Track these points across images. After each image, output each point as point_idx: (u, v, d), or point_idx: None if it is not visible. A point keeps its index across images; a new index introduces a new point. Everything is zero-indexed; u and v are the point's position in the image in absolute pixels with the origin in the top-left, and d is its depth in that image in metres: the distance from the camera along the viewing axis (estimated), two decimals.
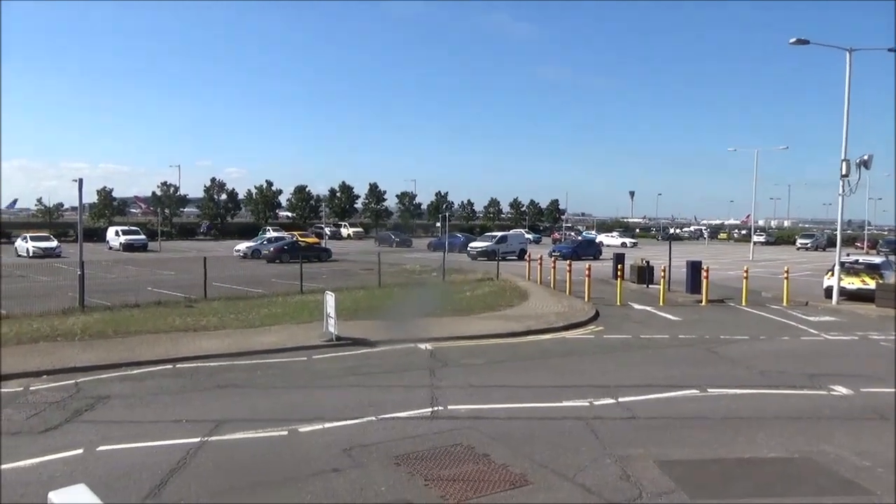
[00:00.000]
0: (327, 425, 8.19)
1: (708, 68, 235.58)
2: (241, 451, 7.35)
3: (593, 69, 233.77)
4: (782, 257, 49.64)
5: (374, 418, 8.49)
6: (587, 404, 9.25)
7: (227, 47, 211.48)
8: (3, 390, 9.92)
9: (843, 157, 21.72)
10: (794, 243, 73.55)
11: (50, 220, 69.58)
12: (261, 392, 10.04)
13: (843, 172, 21.66)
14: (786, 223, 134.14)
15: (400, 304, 19.01)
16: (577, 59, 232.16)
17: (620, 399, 9.50)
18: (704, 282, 21.52)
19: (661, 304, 20.54)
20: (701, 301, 21.14)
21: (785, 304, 21.08)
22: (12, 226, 68.35)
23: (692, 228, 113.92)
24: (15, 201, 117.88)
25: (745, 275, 21.89)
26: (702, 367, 12.14)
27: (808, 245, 68.01)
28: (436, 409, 9.00)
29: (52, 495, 3.04)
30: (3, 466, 6.78)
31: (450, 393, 9.85)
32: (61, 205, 74.25)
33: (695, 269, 23.24)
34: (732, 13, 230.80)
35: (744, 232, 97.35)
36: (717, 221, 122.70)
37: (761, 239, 76.14)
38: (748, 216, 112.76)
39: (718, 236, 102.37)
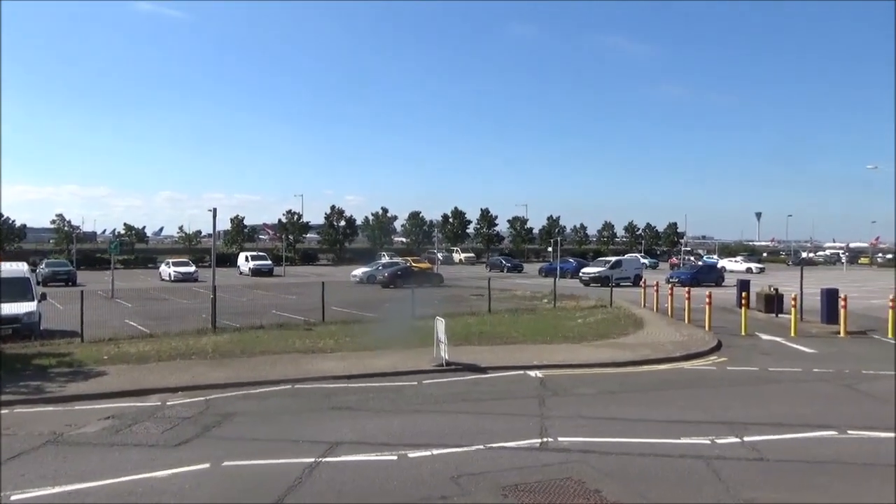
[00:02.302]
0: (435, 452, 8.22)
1: (837, 79, 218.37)
2: (352, 473, 7.52)
3: (713, 86, 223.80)
4: None
5: (482, 446, 8.43)
6: (708, 442, 8.68)
7: (349, 83, 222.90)
8: (145, 404, 10.83)
9: None
10: None
11: (190, 246, 75.89)
12: (373, 415, 10.28)
13: None
14: None
15: (510, 329, 18.86)
16: (696, 78, 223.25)
17: (746, 438, 8.84)
18: (842, 311, 19.72)
19: (792, 334, 19.03)
20: (838, 332, 19.37)
21: None
22: (158, 252, 75.24)
23: (828, 252, 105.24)
24: (161, 229, 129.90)
25: (891, 304, 19.84)
26: (840, 405, 11.07)
27: None
28: (545, 440, 8.80)
29: None
30: (140, 477, 7.36)
31: (560, 424, 9.60)
32: (200, 232, 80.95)
33: (831, 296, 21.38)
34: (856, 15, 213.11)
35: (889, 256, 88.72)
36: (857, 244, 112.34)
37: None
38: (877, 238, 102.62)
39: (859, 261, 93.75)
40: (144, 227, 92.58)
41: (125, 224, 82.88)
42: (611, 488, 6.96)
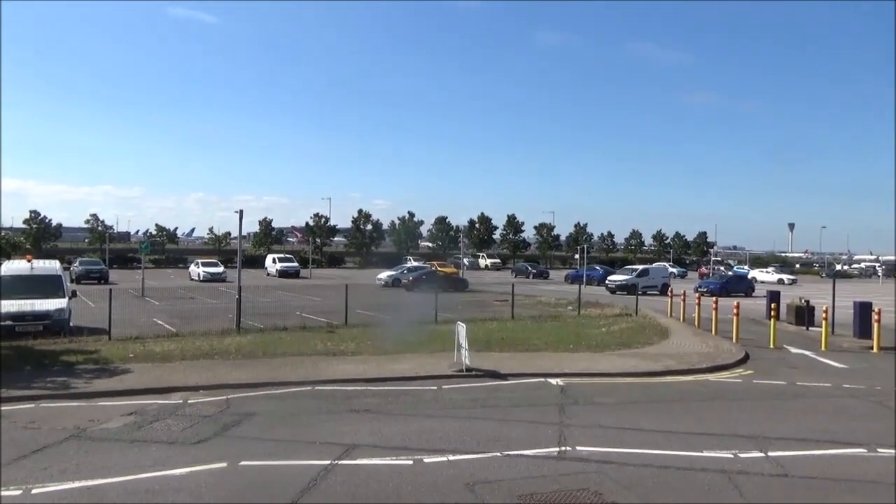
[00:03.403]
0: (451, 458, 8.17)
1: (875, 80, 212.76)
2: (367, 476, 7.51)
3: (742, 94, 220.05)
4: None
5: (499, 454, 8.35)
6: (731, 456, 8.47)
7: (379, 88, 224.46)
8: (167, 402, 10.98)
9: None
10: None
11: (219, 247, 77.01)
12: (391, 419, 10.27)
13: None
14: None
15: (533, 336, 18.72)
16: (725, 85, 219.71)
17: (770, 453, 8.61)
18: (876, 325, 19.18)
19: (822, 348, 18.56)
20: (871, 347, 18.82)
21: None
22: (188, 252, 76.54)
23: (863, 265, 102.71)
24: (192, 230, 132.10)
25: None
26: (871, 422, 10.73)
27: None
28: (563, 448, 8.68)
29: None
30: (158, 474, 7.44)
31: (579, 433, 9.48)
32: (229, 233, 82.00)
33: (864, 310, 20.80)
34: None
35: None
36: (887, 257, 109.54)
37: None
38: None
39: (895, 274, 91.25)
40: (176, 228, 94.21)
41: (157, 225, 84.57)
42: (627, 500, 6.84)
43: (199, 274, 46.88)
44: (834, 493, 7.33)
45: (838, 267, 61.06)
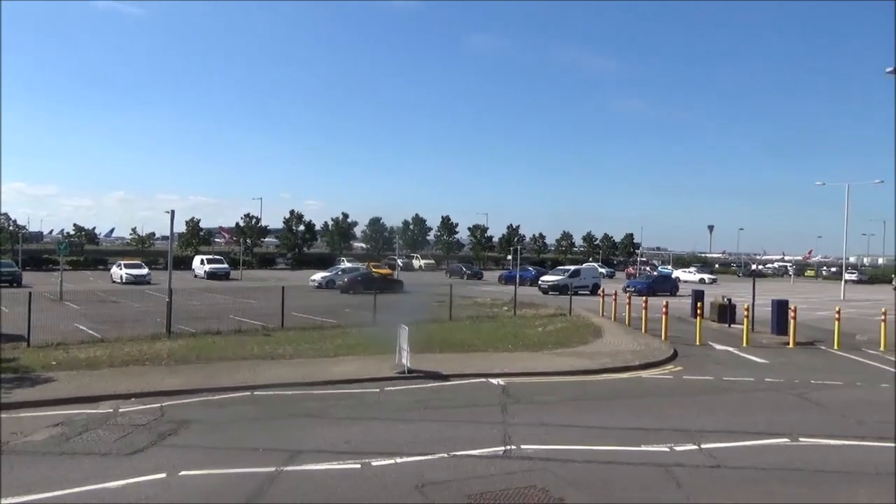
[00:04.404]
0: (399, 460, 8.16)
1: (793, 99, 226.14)
2: (315, 482, 7.40)
3: (669, 102, 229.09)
4: (878, 297, 46.49)
5: (445, 455, 8.40)
6: (667, 450, 8.84)
7: (307, 89, 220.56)
8: (96, 411, 10.46)
9: None
10: (890, 282, 68.85)
11: (142, 248, 73.79)
12: (334, 423, 10.15)
13: None
14: (880, 261, 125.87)
15: (472, 337, 18.88)
16: (653, 93, 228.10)
17: (703, 445, 9.03)
18: (792, 322, 20.38)
19: (744, 344, 19.58)
20: (788, 343, 20.00)
21: (882, 348, 19.62)
22: (109, 253, 72.98)
23: (776, 265, 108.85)
24: (112, 230, 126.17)
25: (836, 316, 20.61)
26: (791, 413, 11.41)
27: None
28: (508, 447, 8.82)
29: None
30: (92, 487, 7.09)
31: (522, 431, 9.65)
32: (153, 234, 78.77)
33: (781, 308, 22.07)
34: (816, 42, 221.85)
35: (833, 269, 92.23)
36: (790, 257, 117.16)
37: (853, 277, 71.76)
38: (809, 252, 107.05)
39: (805, 273, 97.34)
40: (95, 228, 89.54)
41: (75, 224, 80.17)
42: (574, 496, 7.02)
43: (121, 276, 44.71)
44: (763, 481, 7.76)
45: (753, 267, 64.37)
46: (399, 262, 64.02)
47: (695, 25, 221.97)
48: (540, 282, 44.53)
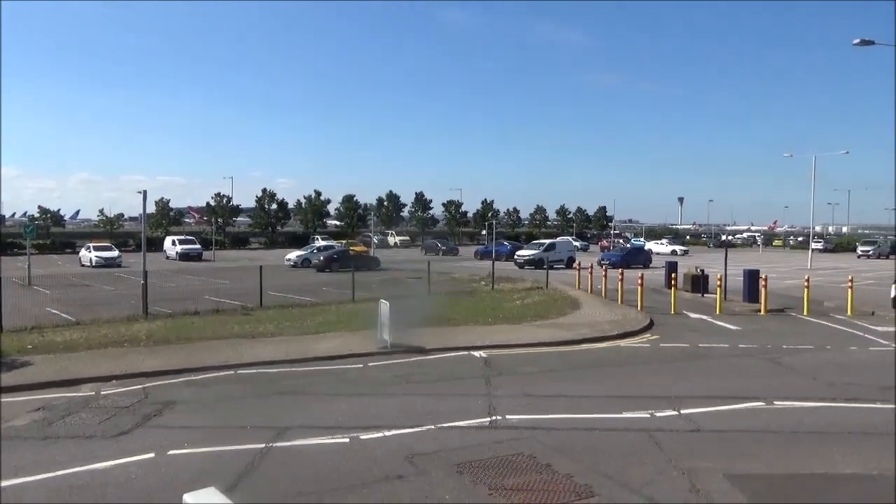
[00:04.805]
0: (387, 433, 8.25)
1: (761, 71, 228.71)
2: (305, 457, 7.46)
3: (641, 76, 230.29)
4: (843, 265, 47.84)
5: (432, 426, 8.51)
6: (648, 416, 9.07)
7: (278, 61, 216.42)
8: (77, 394, 10.35)
9: None
10: (854, 250, 70.76)
11: (111, 230, 72.23)
12: (320, 399, 10.20)
13: None
14: (844, 229, 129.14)
15: (451, 311, 19.01)
16: (625, 66, 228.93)
17: (683, 411, 9.28)
18: (763, 290, 20.89)
19: (717, 312, 20.04)
20: (759, 310, 20.52)
21: (849, 313, 20.23)
22: (76, 236, 71.35)
23: (745, 235, 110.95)
24: (77, 212, 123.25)
25: (806, 283, 21.17)
26: (766, 378, 11.77)
27: (870, 252, 65.29)
28: (494, 418, 8.97)
29: (186, 497, 3.17)
30: (80, 469, 7.06)
31: (507, 402, 9.80)
32: (122, 215, 77.11)
33: (752, 277, 22.59)
34: (785, 16, 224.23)
35: (800, 239, 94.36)
36: (757, 227, 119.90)
37: (819, 246, 73.41)
38: (774, 222, 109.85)
39: (773, 243, 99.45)
40: (60, 211, 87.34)
41: (40, 207, 78.19)
42: (561, 462, 7.19)
43: (91, 259, 43.82)
44: (741, 443, 8.03)
45: (724, 238, 65.60)
46: (374, 239, 63.84)
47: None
48: (516, 256, 44.76)
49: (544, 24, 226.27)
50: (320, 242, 53.55)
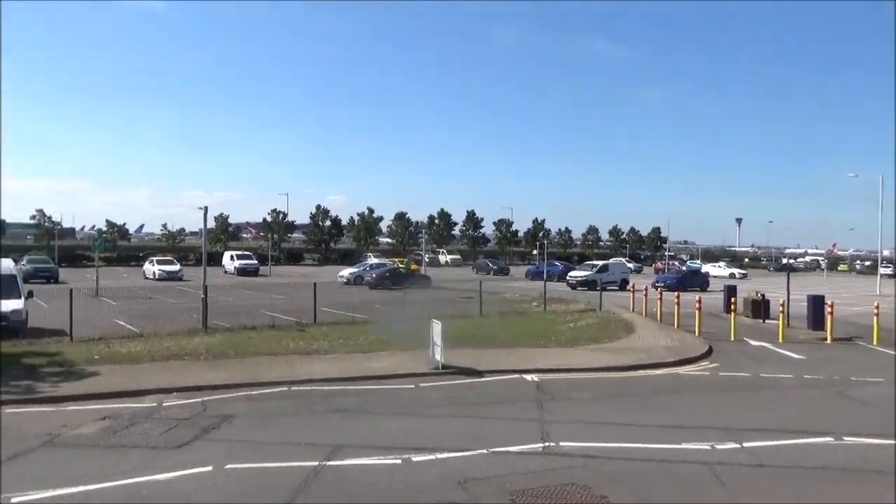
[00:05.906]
0: (439, 455, 8.22)
1: (825, 85, 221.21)
2: (358, 477, 7.50)
3: (698, 93, 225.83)
4: None
5: (485, 451, 8.43)
6: (709, 448, 8.76)
7: (332, 83, 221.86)
8: (141, 405, 10.72)
9: None
10: None
11: (173, 244, 74.99)
12: (373, 418, 10.26)
13: None
14: None
15: (503, 332, 18.89)
16: (681, 83, 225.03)
17: (745, 444, 8.93)
18: (829, 317, 20.02)
19: (780, 340, 19.28)
20: (825, 339, 19.65)
21: None
22: (140, 249, 74.33)
23: (808, 259, 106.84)
24: (142, 226, 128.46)
25: (875, 310, 20.19)
26: (833, 411, 11.24)
27: None
28: (547, 444, 8.82)
29: None
30: (142, 479, 7.27)
31: (560, 428, 9.64)
32: (183, 230, 79.99)
33: (817, 303, 21.70)
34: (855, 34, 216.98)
35: (868, 263, 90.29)
36: (814, 250, 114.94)
37: (889, 271, 70.05)
38: (834, 245, 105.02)
39: (838, 267, 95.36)
40: (125, 224, 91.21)
41: (107, 220, 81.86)
42: (617, 493, 7.00)
43: (154, 272, 45.57)
44: (807, 480, 7.66)
45: (785, 261, 63.30)
46: (425, 257, 64.20)
47: (721, 19, 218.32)
48: (568, 277, 44.33)
49: (598, 40, 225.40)
50: (372, 260, 54.25)
